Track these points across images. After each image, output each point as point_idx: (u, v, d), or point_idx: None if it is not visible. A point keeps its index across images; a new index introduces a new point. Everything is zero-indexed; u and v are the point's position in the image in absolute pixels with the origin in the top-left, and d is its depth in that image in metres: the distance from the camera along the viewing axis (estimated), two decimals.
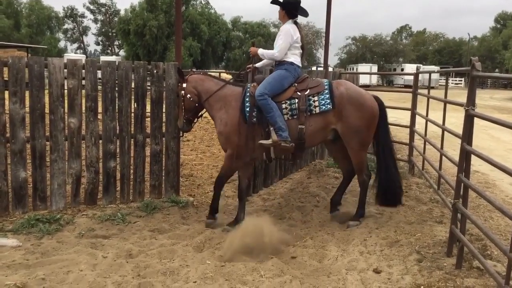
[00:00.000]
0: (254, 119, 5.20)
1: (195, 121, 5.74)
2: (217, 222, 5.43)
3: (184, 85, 5.54)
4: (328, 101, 5.20)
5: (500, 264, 4.19)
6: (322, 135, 5.38)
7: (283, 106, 5.23)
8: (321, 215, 5.85)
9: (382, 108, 5.47)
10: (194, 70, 5.62)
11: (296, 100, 5.23)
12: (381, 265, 4.32)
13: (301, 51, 5.51)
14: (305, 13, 5.51)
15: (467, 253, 4.27)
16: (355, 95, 5.27)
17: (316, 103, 5.21)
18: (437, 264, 4.28)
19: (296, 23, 5.46)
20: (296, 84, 5.35)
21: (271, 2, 5.44)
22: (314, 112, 5.22)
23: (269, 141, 5.15)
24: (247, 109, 5.22)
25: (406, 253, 4.57)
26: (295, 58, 5.42)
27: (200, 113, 5.71)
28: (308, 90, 5.26)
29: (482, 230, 3.85)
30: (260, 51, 5.47)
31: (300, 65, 5.50)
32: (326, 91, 5.23)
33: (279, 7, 5.43)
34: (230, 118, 5.32)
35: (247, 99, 5.25)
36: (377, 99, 5.46)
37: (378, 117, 5.39)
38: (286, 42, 5.31)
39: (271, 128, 5.14)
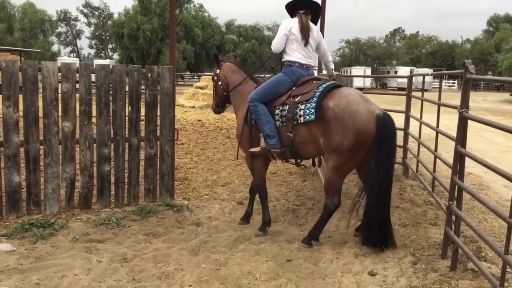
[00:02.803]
0: (253, 122, 5.20)
1: (226, 105, 5.96)
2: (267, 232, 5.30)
3: (218, 71, 5.82)
4: (312, 111, 4.73)
5: (494, 266, 4.21)
6: (314, 146, 4.90)
7: (276, 112, 5.06)
8: (316, 217, 5.82)
9: (383, 131, 4.56)
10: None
11: (287, 107, 4.98)
12: (376, 267, 4.32)
13: (305, 44, 5.20)
14: (310, 4, 5.37)
15: (461, 255, 4.28)
16: (342, 113, 4.56)
17: (301, 112, 4.83)
18: (432, 266, 4.29)
19: (302, 15, 5.24)
20: (294, 88, 5.11)
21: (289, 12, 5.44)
22: (299, 122, 4.86)
23: (258, 148, 5.15)
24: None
25: (401, 256, 4.58)
26: (294, 54, 5.21)
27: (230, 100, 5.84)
28: (299, 97, 4.92)
29: (476, 232, 3.87)
30: None
31: (305, 61, 5.24)
32: (314, 99, 4.75)
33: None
34: (240, 118, 5.44)
35: None
36: (380, 120, 4.56)
37: (369, 140, 4.56)
38: (279, 35, 5.22)
39: (261, 134, 5.12)
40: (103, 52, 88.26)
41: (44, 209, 5.50)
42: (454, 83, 58.15)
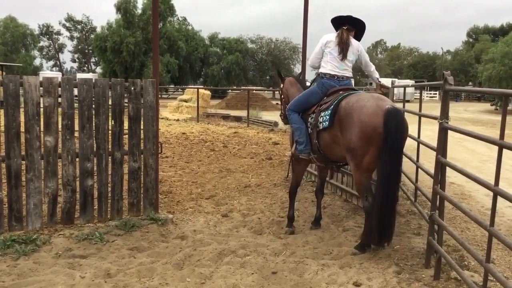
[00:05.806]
0: None
1: None
2: (295, 229, 5.78)
3: (282, 85, 6.50)
4: (328, 117, 5.01)
5: (477, 274, 4.26)
6: (339, 149, 4.99)
7: (308, 119, 5.47)
8: (301, 229, 5.86)
9: (388, 124, 4.52)
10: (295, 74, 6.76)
11: (314, 115, 5.34)
12: (361, 278, 4.34)
13: (342, 58, 5.45)
14: (354, 21, 5.63)
15: (444, 264, 4.33)
16: (350, 110, 4.71)
17: (321, 119, 5.16)
18: (415, 276, 4.33)
19: (344, 31, 5.49)
20: (325, 98, 5.40)
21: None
22: (320, 128, 5.17)
23: (288, 153, 5.62)
24: None
25: (385, 266, 4.61)
26: (326, 66, 5.49)
27: None
28: (323, 105, 5.25)
29: (459, 241, 3.91)
30: None
31: (337, 72, 5.47)
32: (332, 107, 4.99)
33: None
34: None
35: None
36: (386, 113, 4.55)
37: (375, 135, 4.53)
38: (315, 50, 5.62)
39: (295, 140, 5.60)
40: (86, 66, 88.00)
41: (26, 225, 5.42)
42: (436, 94, 58.86)
